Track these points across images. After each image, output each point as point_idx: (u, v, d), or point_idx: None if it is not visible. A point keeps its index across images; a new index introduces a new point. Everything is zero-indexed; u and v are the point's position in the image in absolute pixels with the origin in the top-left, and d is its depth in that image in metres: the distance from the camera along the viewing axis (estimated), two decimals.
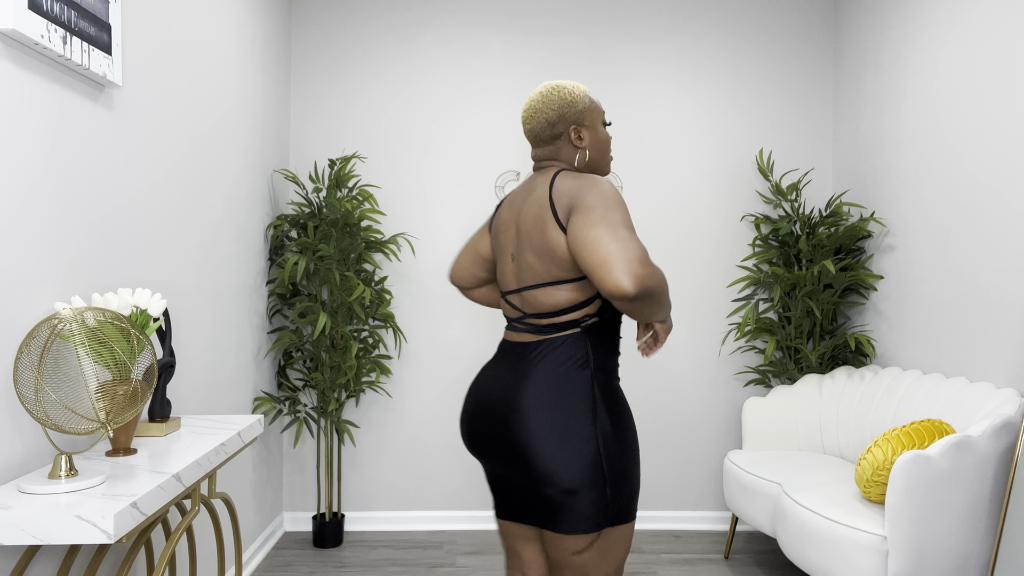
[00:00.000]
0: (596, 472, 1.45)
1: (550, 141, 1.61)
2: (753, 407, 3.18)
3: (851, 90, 3.46)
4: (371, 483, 3.55)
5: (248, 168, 2.95)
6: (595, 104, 1.63)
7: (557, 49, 3.57)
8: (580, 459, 1.45)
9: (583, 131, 1.60)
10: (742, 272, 3.59)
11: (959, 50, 2.71)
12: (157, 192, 2.15)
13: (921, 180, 2.93)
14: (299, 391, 3.38)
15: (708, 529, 3.56)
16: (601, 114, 1.64)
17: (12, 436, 1.50)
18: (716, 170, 3.60)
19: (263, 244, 3.17)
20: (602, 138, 1.63)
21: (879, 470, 2.29)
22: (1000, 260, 2.49)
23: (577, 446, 1.45)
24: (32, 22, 1.49)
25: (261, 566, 3.07)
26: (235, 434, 1.84)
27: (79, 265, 1.74)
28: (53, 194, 1.64)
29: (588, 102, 1.62)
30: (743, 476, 2.88)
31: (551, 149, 1.61)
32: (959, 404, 2.47)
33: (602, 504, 1.47)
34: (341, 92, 3.54)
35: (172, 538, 1.55)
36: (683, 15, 3.58)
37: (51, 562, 1.60)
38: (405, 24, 3.55)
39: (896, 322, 3.08)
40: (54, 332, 1.40)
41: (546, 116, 1.59)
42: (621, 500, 1.49)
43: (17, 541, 1.22)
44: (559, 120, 1.59)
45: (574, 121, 1.59)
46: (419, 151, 3.56)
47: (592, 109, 1.62)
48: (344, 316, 3.16)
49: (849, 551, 2.22)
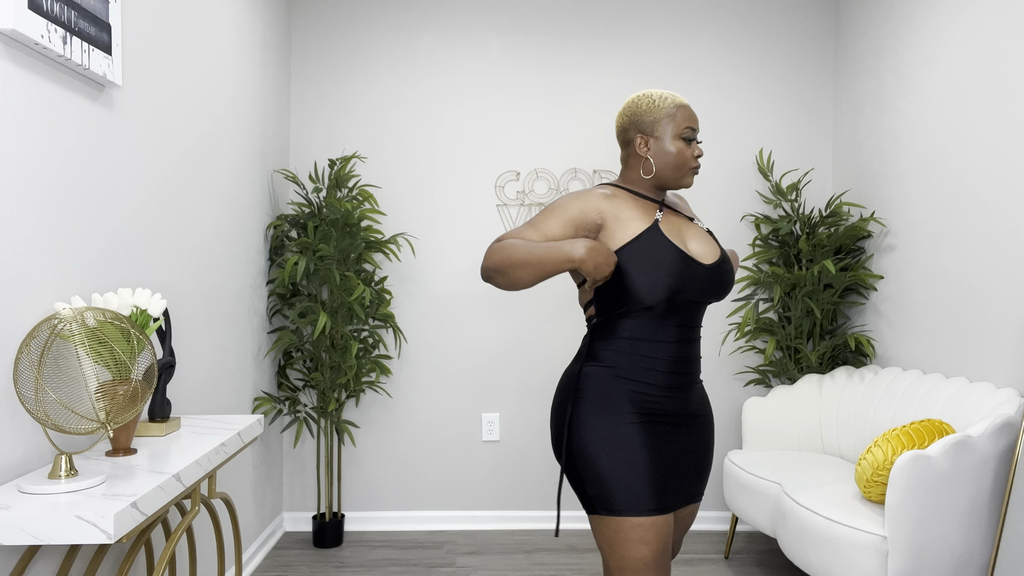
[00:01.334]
0: (559, 453, 1.66)
1: (623, 147, 1.72)
2: (753, 407, 3.18)
3: (851, 90, 3.46)
4: (371, 483, 3.55)
5: (248, 168, 2.95)
6: (677, 115, 1.66)
7: (557, 49, 3.57)
8: (555, 440, 1.68)
9: (651, 140, 1.66)
10: (742, 272, 3.59)
11: (959, 50, 2.71)
12: (157, 192, 2.15)
13: (921, 180, 2.93)
14: (299, 391, 3.38)
15: (708, 529, 3.56)
16: (679, 127, 1.66)
17: (12, 436, 1.50)
18: (716, 170, 3.60)
19: (263, 244, 3.17)
20: (669, 150, 1.66)
21: (879, 470, 2.29)
22: (1000, 260, 2.49)
23: (554, 427, 1.68)
24: (32, 22, 1.49)
25: (261, 566, 3.07)
26: (235, 434, 1.84)
27: (79, 265, 1.74)
28: (53, 194, 1.64)
29: (667, 111, 1.65)
30: (743, 476, 2.88)
31: (623, 155, 1.73)
32: (959, 404, 2.47)
33: (579, 486, 1.62)
34: (341, 92, 3.54)
35: (172, 538, 1.55)
36: (683, 15, 3.58)
37: (51, 562, 1.60)
38: (405, 24, 3.55)
39: (896, 322, 3.08)
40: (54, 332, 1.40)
41: (620, 121, 1.71)
42: (595, 488, 1.58)
43: (17, 541, 1.22)
44: (630, 126, 1.68)
45: (642, 130, 1.66)
46: (419, 151, 3.56)
47: (669, 119, 1.65)
48: (344, 316, 3.16)
49: (849, 551, 2.22)
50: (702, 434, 1.71)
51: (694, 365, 1.70)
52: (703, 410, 1.72)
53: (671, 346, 1.64)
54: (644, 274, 1.59)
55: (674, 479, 1.63)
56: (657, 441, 1.62)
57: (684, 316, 1.65)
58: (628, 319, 1.64)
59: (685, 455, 1.67)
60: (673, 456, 1.64)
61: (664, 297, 1.59)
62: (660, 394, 1.63)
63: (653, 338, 1.64)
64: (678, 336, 1.65)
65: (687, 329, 1.66)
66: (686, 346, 1.66)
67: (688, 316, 1.66)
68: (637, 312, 1.62)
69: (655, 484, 1.58)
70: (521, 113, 3.57)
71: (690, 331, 1.67)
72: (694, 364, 1.70)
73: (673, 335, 1.64)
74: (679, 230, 1.68)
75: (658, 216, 1.66)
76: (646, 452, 1.59)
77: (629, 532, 1.55)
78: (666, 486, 1.60)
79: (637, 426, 1.60)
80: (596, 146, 3.58)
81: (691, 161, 1.68)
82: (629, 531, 1.55)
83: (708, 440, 1.73)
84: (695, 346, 1.70)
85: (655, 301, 1.59)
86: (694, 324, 1.68)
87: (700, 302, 1.65)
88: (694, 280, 1.61)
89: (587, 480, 1.59)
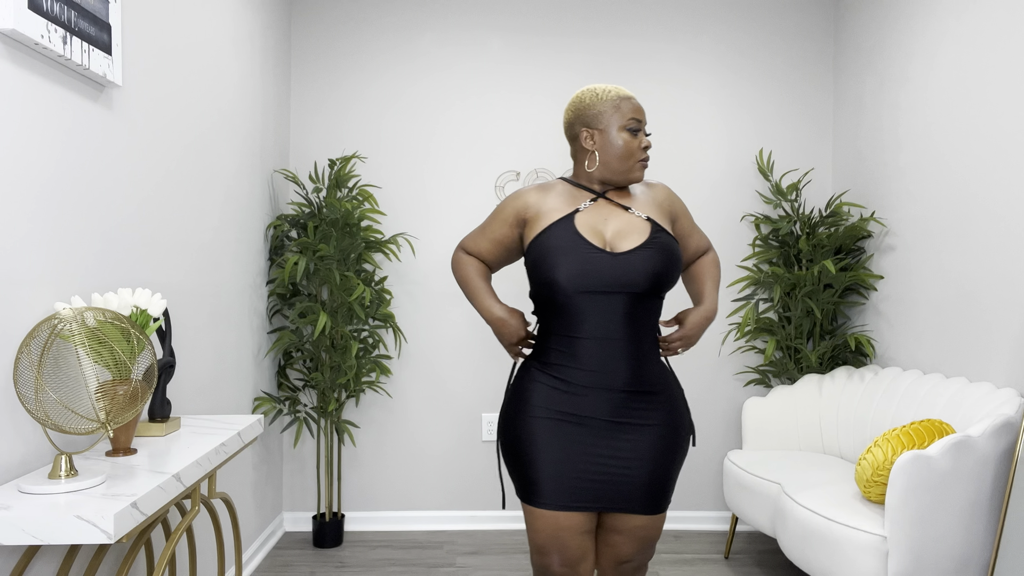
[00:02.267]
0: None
1: (571, 142, 1.72)
2: (753, 407, 3.18)
3: (851, 90, 3.46)
4: (371, 483, 3.55)
5: (248, 168, 2.95)
6: (622, 106, 1.64)
7: (557, 49, 3.57)
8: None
9: (596, 133, 1.65)
10: (742, 272, 3.59)
11: (959, 49, 2.71)
12: (157, 192, 2.15)
13: (921, 180, 2.93)
14: (299, 391, 3.38)
15: (708, 529, 3.56)
16: (623, 119, 1.64)
17: (12, 436, 1.50)
18: (716, 170, 3.59)
19: (263, 244, 3.17)
20: (615, 142, 1.64)
21: (879, 470, 2.29)
22: (1000, 260, 2.49)
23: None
24: (32, 22, 1.49)
25: (261, 566, 3.07)
26: (235, 434, 1.84)
27: (79, 265, 1.74)
28: (53, 194, 1.64)
29: (611, 103, 1.64)
30: (743, 476, 2.88)
31: (572, 150, 1.74)
32: (959, 404, 2.47)
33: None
34: (341, 92, 3.54)
35: (172, 538, 1.55)
36: (683, 15, 3.58)
37: (51, 562, 1.60)
38: (405, 24, 3.55)
39: (896, 322, 3.08)
40: (54, 332, 1.40)
41: (566, 117, 1.71)
42: (510, 473, 1.70)
43: (17, 541, 1.22)
44: (575, 120, 1.69)
45: (587, 123, 1.66)
46: (419, 151, 3.56)
47: (614, 111, 1.64)
48: (344, 316, 3.16)
49: (849, 551, 2.22)
50: (636, 445, 1.62)
51: (622, 366, 1.60)
52: (643, 420, 1.62)
53: (588, 343, 1.59)
54: (543, 265, 1.60)
55: (575, 481, 1.60)
56: (558, 440, 1.60)
57: (601, 310, 1.58)
58: (550, 313, 1.64)
59: (599, 462, 1.61)
60: (578, 458, 1.60)
61: (561, 287, 1.57)
62: (571, 392, 1.60)
63: (569, 333, 1.61)
64: (596, 332, 1.58)
65: (608, 325, 1.58)
66: (607, 344, 1.59)
67: (606, 310, 1.58)
68: (554, 305, 1.61)
69: (546, 480, 1.61)
70: (521, 113, 3.56)
71: (612, 327, 1.59)
72: (622, 365, 1.60)
73: (589, 331, 1.59)
74: (603, 219, 1.63)
75: (580, 207, 1.64)
76: (539, 449, 1.62)
77: (527, 517, 1.65)
78: (561, 485, 1.60)
79: (539, 421, 1.62)
80: None
81: (638, 153, 1.65)
82: (527, 516, 1.65)
83: (644, 452, 1.62)
84: (623, 346, 1.60)
85: (556, 292, 1.58)
86: (616, 321, 1.59)
87: (609, 293, 1.57)
88: (592, 269, 1.56)
89: (506, 465, 1.71)
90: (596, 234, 1.61)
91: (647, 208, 1.69)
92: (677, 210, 1.76)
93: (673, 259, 1.63)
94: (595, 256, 1.57)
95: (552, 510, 1.61)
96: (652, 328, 1.65)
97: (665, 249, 1.62)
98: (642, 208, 1.68)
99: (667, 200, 1.74)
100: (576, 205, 1.66)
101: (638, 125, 1.64)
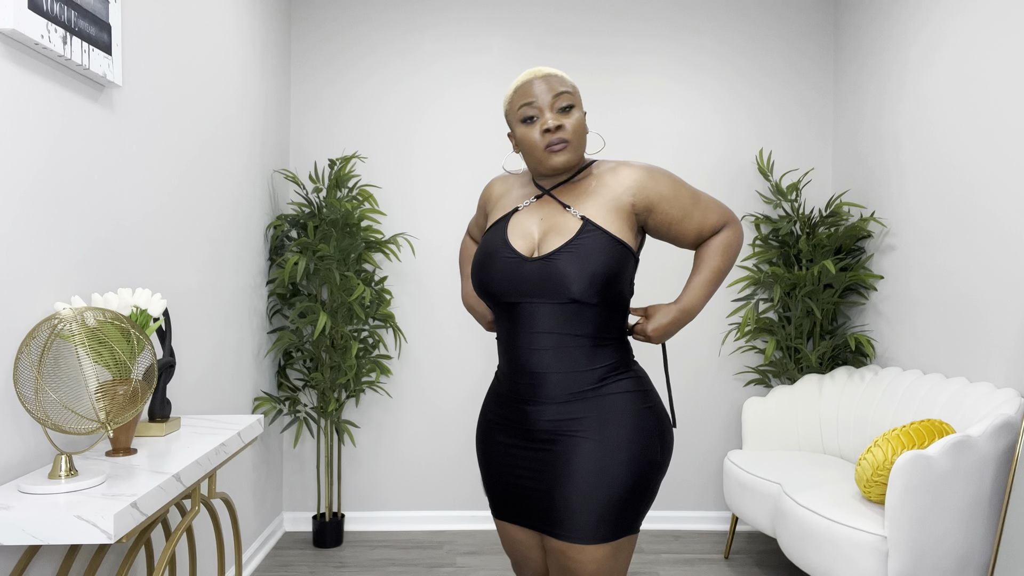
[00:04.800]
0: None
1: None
2: (753, 407, 3.18)
3: (851, 90, 3.46)
4: (371, 483, 3.55)
5: (248, 168, 2.95)
6: (514, 99, 1.49)
7: (557, 48, 3.57)
8: None
9: (513, 136, 1.54)
10: (742, 272, 3.59)
11: (959, 49, 2.71)
12: (157, 192, 2.15)
13: (921, 180, 2.93)
14: (299, 391, 3.38)
15: (708, 529, 3.56)
16: (516, 113, 1.48)
17: (12, 436, 1.50)
18: (716, 170, 3.59)
19: (263, 244, 3.17)
20: (521, 141, 1.49)
21: (879, 470, 2.29)
22: (1000, 260, 2.49)
23: None
24: (32, 22, 1.49)
25: (261, 566, 3.07)
26: (235, 434, 1.84)
27: (79, 265, 1.74)
28: (53, 194, 1.64)
29: (508, 100, 1.51)
30: (743, 476, 2.88)
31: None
32: (959, 404, 2.47)
33: None
34: (341, 92, 3.54)
35: (172, 538, 1.55)
36: (683, 14, 3.58)
37: (51, 562, 1.60)
38: (405, 24, 3.55)
39: (896, 322, 3.08)
40: (54, 332, 1.40)
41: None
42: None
43: (17, 541, 1.22)
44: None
45: (508, 126, 1.63)
46: (419, 151, 3.56)
47: (510, 107, 1.50)
48: (344, 316, 3.16)
49: (849, 551, 2.22)
50: (554, 463, 1.43)
51: (544, 379, 1.44)
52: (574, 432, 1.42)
53: (518, 351, 1.46)
54: (472, 269, 1.53)
55: (503, 495, 1.54)
56: (492, 449, 1.54)
57: (526, 318, 1.44)
58: (502, 324, 1.53)
59: (525, 475, 1.48)
60: (508, 469, 1.51)
61: (484, 295, 1.50)
62: (507, 401, 1.52)
63: (504, 339, 1.51)
64: (524, 342, 1.45)
65: (533, 336, 1.44)
66: (530, 354, 1.44)
67: (530, 318, 1.44)
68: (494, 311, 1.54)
69: (490, 489, 1.58)
70: None
71: (538, 338, 1.43)
72: (545, 378, 1.44)
73: (518, 339, 1.46)
74: (539, 219, 1.50)
75: (521, 205, 1.54)
76: (482, 458, 1.58)
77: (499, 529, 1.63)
78: (499, 496, 1.55)
79: (483, 429, 1.58)
80: (596, 144, 3.58)
81: (540, 141, 1.45)
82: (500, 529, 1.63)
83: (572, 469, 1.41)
84: (552, 356, 1.43)
85: (486, 299, 1.51)
86: (537, 329, 1.43)
87: (528, 303, 1.43)
88: (503, 278, 1.45)
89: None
90: (526, 236, 1.48)
91: (595, 202, 1.47)
92: (651, 196, 1.49)
93: (600, 261, 1.40)
94: (509, 263, 1.45)
95: (501, 520, 1.57)
96: (595, 335, 1.45)
97: (588, 252, 1.40)
98: (590, 203, 1.48)
99: (633, 188, 1.48)
100: (521, 203, 1.55)
101: (530, 112, 1.45)
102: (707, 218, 1.54)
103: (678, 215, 1.51)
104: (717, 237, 1.56)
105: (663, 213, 1.50)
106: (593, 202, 1.47)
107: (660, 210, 1.50)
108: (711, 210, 1.54)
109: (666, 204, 1.50)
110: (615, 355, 1.48)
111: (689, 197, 1.52)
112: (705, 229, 1.55)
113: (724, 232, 1.57)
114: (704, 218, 1.54)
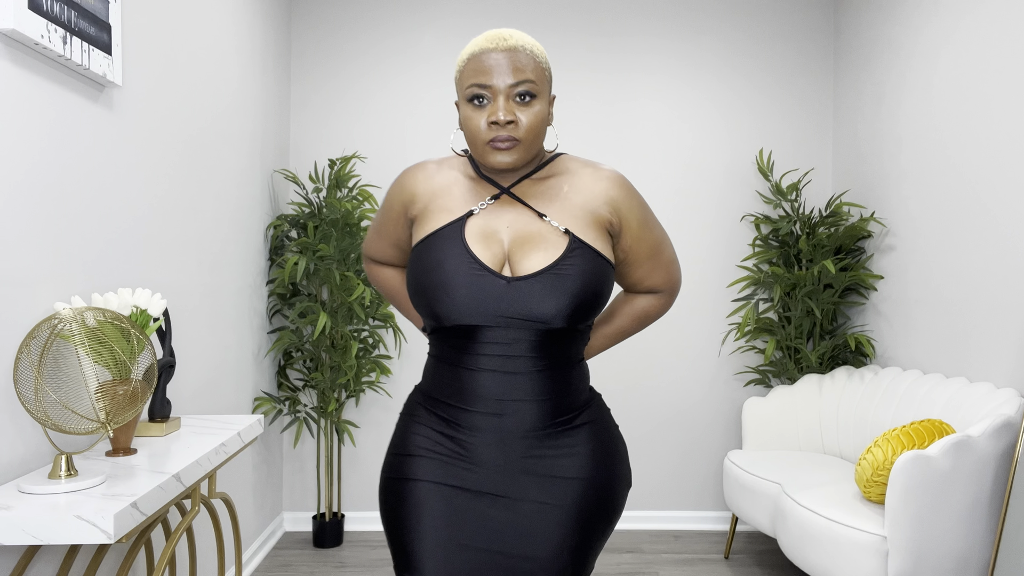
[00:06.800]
0: None
1: None
2: (753, 407, 3.18)
3: (851, 90, 3.46)
4: (371, 483, 3.55)
5: (248, 168, 2.95)
6: (465, 70, 1.19)
7: (557, 47, 3.57)
8: None
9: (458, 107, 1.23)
10: (742, 272, 3.59)
11: (959, 49, 2.71)
12: (157, 192, 2.15)
13: (921, 180, 2.93)
14: (299, 391, 3.38)
15: (708, 529, 3.56)
16: (464, 88, 1.19)
17: (12, 436, 1.50)
18: (716, 170, 3.59)
19: (263, 244, 3.17)
20: (463, 119, 1.21)
21: (879, 470, 2.29)
22: (1000, 260, 2.49)
23: None
24: (32, 22, 1.49)
25: (261, 566, 3.07)
26: (235, 434, 1.84)
27: (79, 265, 1.74)
28: (53, 194, 1.64)
29: (459, 69, 1.21)
30: (743, 476, 2.88)
31: None
32: (959, 404, 2.47)
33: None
34: (341, 92, 3.54)
35: (172, 538, 1.55)
36: (683, 14, 3.58)
37: (51, 562, 1.60)
38: (406, 24, 3.55)
39: (896, 322, 3.08)
40: (54, 332, 1.40)
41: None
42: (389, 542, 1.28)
43: (17, 541, 1.22)
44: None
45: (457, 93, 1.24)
46: (419, 151, 3.56)
47: (459, 78, 1.21)
48: (344, 316, 3.16)
49: (849, 551, 2.22)
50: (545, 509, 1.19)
51: (527, 406, 1.19)
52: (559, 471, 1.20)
53: (484, 376, 1.19)
54: (421, 290, 1.20)
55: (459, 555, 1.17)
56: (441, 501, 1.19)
57: (500, 340, 1.18)
58: (438, 337, 1.25)
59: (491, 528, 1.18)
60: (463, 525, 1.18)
61: (443, 319, 1.18)
62: (461, 437, 1.21)
63: (460, 364, 1.21)
64: (493, 365, 1.19)
65: (508, 360, 1.19)
66: (509, 379, 1.19)
67: (506, 341, 1.18)
68: (442, 331, 1.23)
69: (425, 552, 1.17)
70: None
71: (515, 362, 1.19)
72: (527, 405, 1.19)
73: (485, 363, 1.19)
74: (504, 225, 1.23)
75: (476, 208, 1.24)
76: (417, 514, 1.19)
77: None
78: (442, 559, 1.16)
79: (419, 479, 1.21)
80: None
81: (482, 134, 1.17)
82: None
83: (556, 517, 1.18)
84: (530, 381, 1.19)
85: (439, 321, 1.19)
86: (520, 353, 1.19)
87: (508, 327, 1.17)
88: (480, 299, 1.16)
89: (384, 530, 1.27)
90: (490, 247, 1.20)
91: (570, 209, 1.23)
92: (625, 215, 1.26)
93: (591, 286, 1.19)
94: (483, 282, 1.17)
95: None
96: (576, 355, 1.25)
97: (578, 275, 1.18)
98: (565, 210, 1.23)
99: (613, 201, 1.25)
100: (473, 204, 1.24)
101: (479, 91, 1.16)
102: (653, 275, 1.34)
103: (637, 254, 1.30)
104: (646, 300, 1.38)
105: (626, 243, 1.28)
106: (568, 209, 1.23)
107: (626, 237, 1.28)
108: (662, 269, 1.34)
109: (630, 238, 1.28)
110: (585, 376, 1.29)
111: (652, 244, 1.31)
112: (644, 285, 1.35)
113: (656, 298, 1.37)
114: (650, 274, 1.34)
